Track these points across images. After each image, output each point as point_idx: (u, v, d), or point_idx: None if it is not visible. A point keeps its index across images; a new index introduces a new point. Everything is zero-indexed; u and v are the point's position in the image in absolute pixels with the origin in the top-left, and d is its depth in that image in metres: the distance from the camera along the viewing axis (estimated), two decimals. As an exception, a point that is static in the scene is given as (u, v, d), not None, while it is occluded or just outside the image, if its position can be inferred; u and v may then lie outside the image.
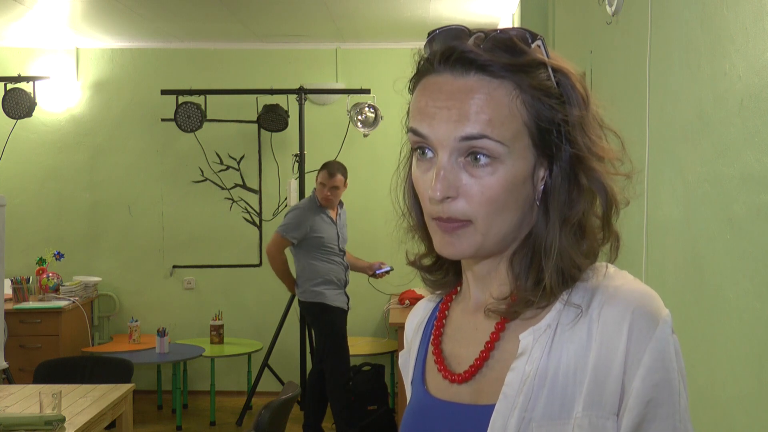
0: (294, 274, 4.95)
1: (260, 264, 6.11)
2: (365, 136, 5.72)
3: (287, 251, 4.90)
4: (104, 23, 5.43)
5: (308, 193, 5.65)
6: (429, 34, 0.90)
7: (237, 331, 6.03)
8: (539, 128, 0.87)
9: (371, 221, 5.68)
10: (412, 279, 1.14)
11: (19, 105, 5.44)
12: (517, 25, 4.56)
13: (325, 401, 4.95)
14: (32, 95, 5.48)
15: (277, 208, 6.09)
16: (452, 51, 0.87)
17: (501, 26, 5.33)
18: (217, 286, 6.15)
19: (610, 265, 0.92)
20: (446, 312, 1.02)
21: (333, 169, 4.80)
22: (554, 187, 0.89)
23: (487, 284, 0.96)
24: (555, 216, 0.88)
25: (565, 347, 0.86)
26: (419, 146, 0.90)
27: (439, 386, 0.97)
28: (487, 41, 0.87)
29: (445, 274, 1.03)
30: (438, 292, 1.05)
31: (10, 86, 5.47)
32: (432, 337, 1.01)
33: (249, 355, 5.79)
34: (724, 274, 1.66)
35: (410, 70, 0.94)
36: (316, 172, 4.92)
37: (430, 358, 1.01)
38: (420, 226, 0.98)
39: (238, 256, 6.12)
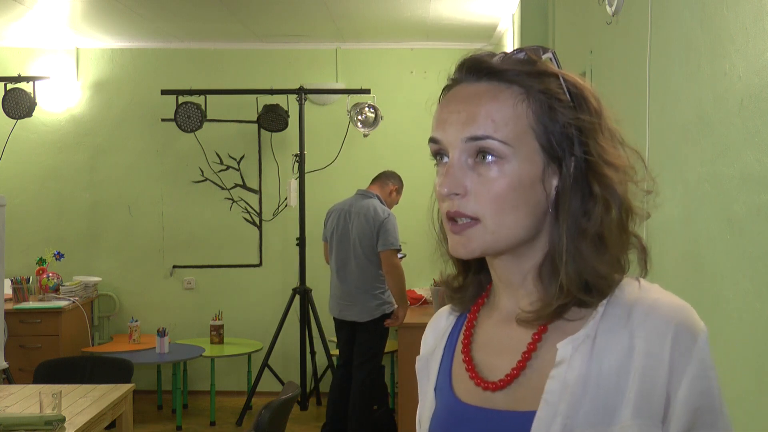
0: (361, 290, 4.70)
1: (260, 264, 6.11)
2: (365, 136, 5.72)
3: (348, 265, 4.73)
4: (104, 23, 5.43)
5: (308, 192, 5.66)
6: (458, 62, 0.98)
7: (237, 331, 6.03)
8: (546, 132, 0.92)
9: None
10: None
11: (19, 105, 5.44)
12: (517, 25, 4.56)
13: (344, 404, 4.89)
14: (32, 95, 5.48)
15: (277, 208, 6.09)
16: (466, 61, 0.96)
17: (501, 27, 5.34)
18: (217, 286, 6.15)
19: (641, 278, 0.95)
20: (474, 321, 1.05)
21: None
22: (564, 191, 0.92)
23: (517, 296, 0.99)
24: (564, 218, 0.92)
25: (605, 356, 0.89)
26: (437, 153, 0.95)
27: (470, 393, 0.99)
28: (503, 57, 0.95)
29: (464, 292, 1.06)
30: (457, 308, 1.08)
31: (10, 86, 5.47)
32: (462, 346, 1.03)
33: (249, 355, 5.79)
34: (724, 274, 1.66)
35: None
36: (388, 181, 4.88)
37: (459, 366, 1.02)
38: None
39: (238, 256, 6.13)
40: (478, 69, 0.94)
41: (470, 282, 1.05)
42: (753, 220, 1.50)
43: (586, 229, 0.91)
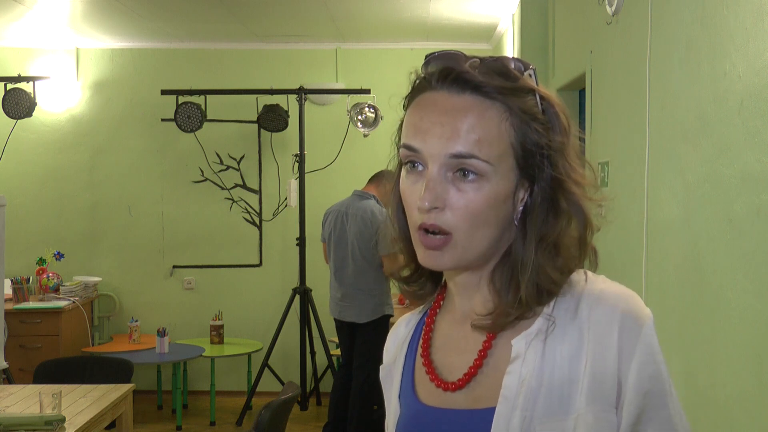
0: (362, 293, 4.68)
1: (260, 264, 6.11)
2: (365, 136, 5.72)
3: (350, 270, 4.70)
4: (104, 23, 5.43)
5: (308, 192, 5.66)
6: (426, 57, 0.97)
7: (237, 331, 6.03)
8: (524, 150, 0.94)
9: (371, 221, 5.68)
10: None
11: (19, 105, 5.44)
12: (517, 26, 4.56)
13: (346, 404, 4.87)
14: (32, 95, 5.48)
15: (277, 208, 6.08)
16: (450, 71, 0.93)
17: (501, 27, 5.34)
18: (217, 286, 6.15)
19: (587, 271, 0.99)
20: (432, 325, 1.07)
21: None
22: (534, 207, 0.95)
23: (471, 297, 1.01)
24: (532, 234, 0.94)
25: (558, 349, 0.93)
26: (410, 160, 0.95)
27: (431, 395, 1.01)
28: (483, 66, 0.94)
29: (421, 286, 1.07)
30: (415, 303, 1.11)
31: (10, 86, 5.47)
32: (421, 349, 1.05)
33: (249, 355, 5.80)
34: (724, 274, 1.66)
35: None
36: (385, 181, 4.85)
37: (420, 369, 1.04)
38: (401, 238, 1.04)
39: (238, 256, 6.13)
40: (462, 81, 0.92)
41: (425, 276, 1.06)
42: (753, 220, 1.50)
43: (545, 237, 0.94)
